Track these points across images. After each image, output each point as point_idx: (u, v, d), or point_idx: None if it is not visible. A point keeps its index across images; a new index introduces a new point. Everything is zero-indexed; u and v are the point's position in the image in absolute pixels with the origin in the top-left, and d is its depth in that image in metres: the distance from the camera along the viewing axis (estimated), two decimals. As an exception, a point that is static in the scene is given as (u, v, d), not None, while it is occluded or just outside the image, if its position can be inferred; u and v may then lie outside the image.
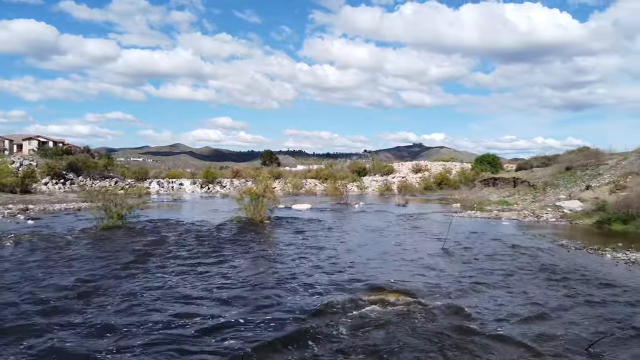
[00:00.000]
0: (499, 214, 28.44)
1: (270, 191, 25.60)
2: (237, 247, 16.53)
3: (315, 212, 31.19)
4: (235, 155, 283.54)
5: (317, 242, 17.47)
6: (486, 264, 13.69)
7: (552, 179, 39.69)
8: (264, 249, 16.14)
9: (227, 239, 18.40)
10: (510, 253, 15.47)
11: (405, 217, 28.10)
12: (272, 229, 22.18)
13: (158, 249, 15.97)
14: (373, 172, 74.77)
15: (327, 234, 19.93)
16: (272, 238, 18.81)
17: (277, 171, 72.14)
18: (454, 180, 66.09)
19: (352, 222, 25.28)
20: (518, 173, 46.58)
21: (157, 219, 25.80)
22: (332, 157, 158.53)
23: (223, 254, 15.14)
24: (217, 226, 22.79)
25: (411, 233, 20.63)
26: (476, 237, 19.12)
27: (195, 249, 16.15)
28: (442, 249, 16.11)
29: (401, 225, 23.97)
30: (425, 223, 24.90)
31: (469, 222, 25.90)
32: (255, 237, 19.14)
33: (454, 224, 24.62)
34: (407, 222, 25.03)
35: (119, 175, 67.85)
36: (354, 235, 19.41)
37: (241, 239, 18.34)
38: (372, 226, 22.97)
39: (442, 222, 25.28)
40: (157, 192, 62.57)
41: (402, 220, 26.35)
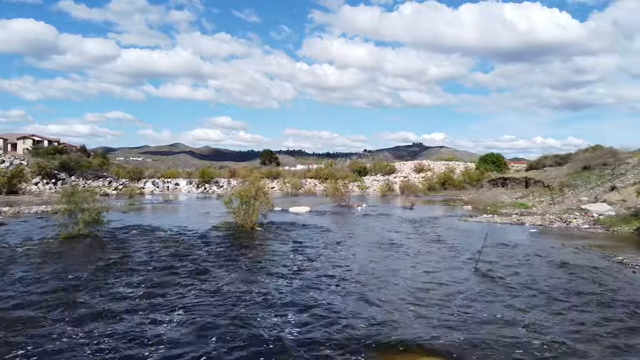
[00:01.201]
0: (521, 218, 24.66)
1: (263, 193, 21.86)
2: (215, 267, 12.74)
3: (314, 217, 27.43)
4: (235, 155, 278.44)
5: (314, 263, 13.30)
6: (542, 298, 9.87)
7: (569, 179, 35.90)
8: (248, 273, 12.30)
9: (206, 254, 14.61)
10: (565, 277, 11.64)
11: (415, 222, 24.33)
12: (263, 239, 18.41)
13: (118, 268, 12.20)
14: (374, 172, 71.05)
15: (327, 248, 15.74)
16: (261, 254, 15.00)
17: (276, 171, 68.45)
18: (458, 180, 62.37)
19: (355, 230, 21.47)
20: (530, 173, 42.77)
21: (135, 225, 22.05)
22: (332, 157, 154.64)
23: (193, 279, 11.36)
24: (201, 234, 19.05)
25: (427, 245, 16.84)
26: (508, 251, 15.34)
27: (162, 269, 12.35)
28: (475, 270, 12.35)
29: (413, 233, 20.19)
30: (440, 230, 21.13)
31: (486, 227, 22.13)
32: (241, 251, 15.34)
33: (471, 230, 20.91)
34: (419, 230, 21.24)
35: (113, 175, 64.14)
36: (360, 251, 15.28)
37: (223, 255, 14.56)
38: (380, 236, 19.12)
39: (459, 229, 21.54)
40: (152, 192, 58.85)
41: (412, 226, 22.57)
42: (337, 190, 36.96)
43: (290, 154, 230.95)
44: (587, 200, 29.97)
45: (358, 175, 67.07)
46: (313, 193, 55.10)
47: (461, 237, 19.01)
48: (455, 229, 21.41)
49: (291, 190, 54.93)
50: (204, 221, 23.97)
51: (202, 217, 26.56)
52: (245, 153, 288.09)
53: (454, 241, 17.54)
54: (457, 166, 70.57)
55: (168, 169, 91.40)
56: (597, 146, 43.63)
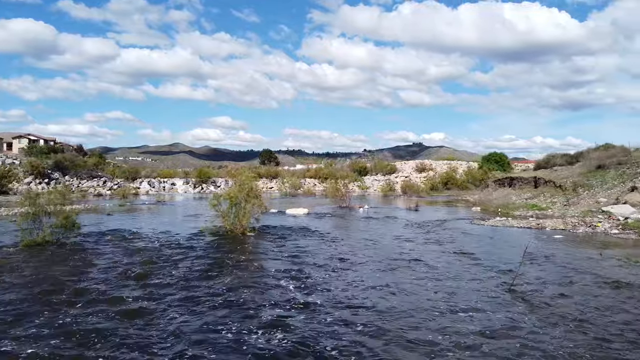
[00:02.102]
0: (540, 222, 22.04)
1: (256, 194, 19.26)
2: (191, 286, 10.13)
3: (312, 220, 24.81)
4: (235, 155, 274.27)
5: (312, 297, 9.68)
6: (609, 339, 7.27)
7: (582, 178, 33.29)
8: (232, 295, 9.72)
9: (185, 268, 12.00)
10: (628, 304, 9.03)
11: (424, 226, 21.72)
12: (255, 247, 15.80)
13: (69, 289, 9.61)
14: (374, 172, 68.50)
15: (329, 268, 12.42)
16: (250, 268, 12.34)
17: (274, 170, 65.91)
18: (461, 180, 59.77)
19: (360, 237, 18.74)
20: (538, 172, 40.17)
21: (113, 230, 19.47)
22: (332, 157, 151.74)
23: (160, 303, 8.77)
24: (182, 242, 16.45)
25: (447, 257, 14.21)
26: (540, 263, 12.72)
27: (128, 288, 9.76)
28: (509, 292, 9.74)
29: (426, 242, 17.57)
30: (454, 236, 18.53)
31: (508, 233, 19.55)
32: (226, 262, 12.72)
33: (487, 236, 18.31)
34: (431, 236, 18.58)
35: (107, 175, 61.57)
36: (370, 273, 11.81)
37: (204, 268, 11.94)
38: (390, 247, 16.40)
39: (474, 235, 18.94)
40: (147, 192, 56.25)
41: (422, 232, 19.95)
42: (337, 190, 34.37)
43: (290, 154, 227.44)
44: (606, 201, 27.37)
45: (358, 175, 64.49)
46: (312, 193, 52.55)
47: (479, 244, 16.41)
48: (470, 235, 18.79)
49: (290, 191, 52.33)
50: (191, 225, 21.37)
51: (191, 220, 23.94)
52: (245, 153, 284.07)
53: (474, 250, 14.91)
54: (459, 166, 67.94)
55: (167, 168, 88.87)
56: (607, 145, 41.07)
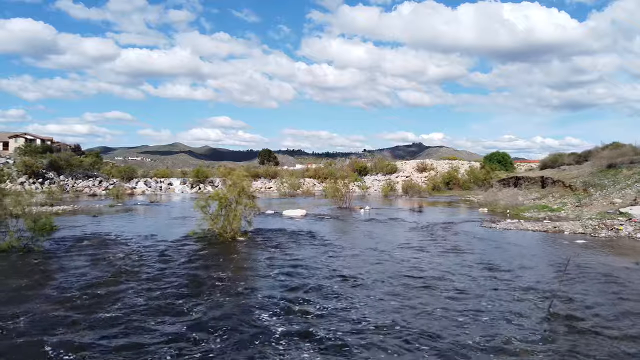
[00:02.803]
0: (557, 225, 20.10)
1: (248, 195, 17.33)
2: (147, 325, 8.22)
3: (310, 222, 22.87)
4: (234, 155, 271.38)
5: (307, 316, 7.96)
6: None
7: (594, 178, 31.37)
8: (198, 336, 7.79)
9: (154, 289, 10.08)
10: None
11: (432, 230, 19.79)
12: (243, 258, 13.88)
13: (17, 309, 7.72)
14: (375, 171, 66.45)
15: (327, 280, 10.56)
16: (232, 291, 10.36)
17: (273, 170, 63.89)
18: (463, 179, 57.82)
19: (364, 246, 16.75)
20: (545, 172, 38.23)
21: (93, 234, 17.60)
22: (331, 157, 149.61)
23: (125, 325, 6.86)
24: (165, 248, 14.56)
25: (462, 268, 12.30)
26: (576, 276, 10.76)
27: (66, 321, 7.85)
28: (549, 314, 7.83)
29: (435, 248, 15.64)
30: (467, 242, 16.61)
31: (524, 239, 17.61)
32: (205, 281, 10.78)
33: (504, 242, 16.38)
34: (443, 243, 16.59)
35: (103, 175, 59.63)
36: (375, 287, 9.90)
37: (174, 292, 10.01)
38: (401, 259, 14.45)
39: (489, 240, 17.00)
40: (143, 192, 54.30)
41: (432, 237, 18.00)
42: (337, 190, 32.42)
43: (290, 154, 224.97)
44: (622, 202, 25.45)
45: (358, 174, 62.53)
46: (312, 194, 50.58)
47: (497, 252, 14.47)
48: (484, 240, 16.84)
49: (288, 191, 50.34)
50: (178, 228, 19.45)
51: (179, 222, 22.00)
52: (244, 153, 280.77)
53: (493, 260, 12.99)
54: (461, 165, 65.95)
55: (167, 168, 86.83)
56: (616, 143, 39.18)
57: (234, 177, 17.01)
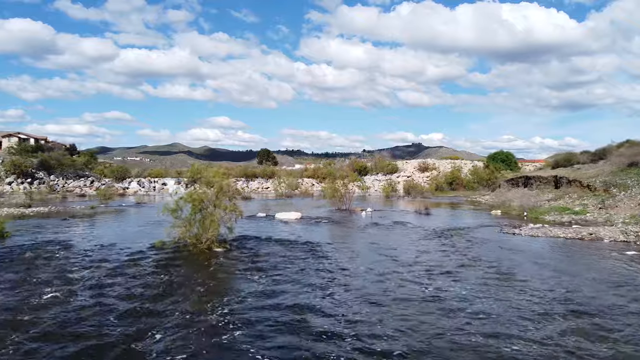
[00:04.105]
0: (593, 231, 16.87)
1: (229, 195, 14.16)
2: None
3: (305, 227, 19.68)
4: (233, 155, 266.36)
5: None
6: None
7: (614, 178, 28.17)
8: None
9: (88, 331, 6.92)
10: None
11: (445, 238, 16.57)
12: (216, 278, 10.68)
13: None
14: (375, 171, 63.26)
15: (329, 320, 7.62)
16: (194, 317, 7.21)
17: (271, 170, 60.65)
18: (466, 179, 54.63)
19: (367, 258, 13.54)
20: (559, 171, 35.01)
21: (48, 242, 14.43)
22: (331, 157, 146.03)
23: None
24: (122, 262, 11.41)
25: (498, 291, 9.14)
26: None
27: None
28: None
29: (453, 262, 12.44)
30: (493, 253, 13.43)
31: (558, 248, 14.40)
32: (160, 304, 7.61)
33: (537, 254, 13.19)
34: (461, 256, 13.36)
35: (95, 175, 56.50)
36: (396, 341, 6.74)
37: (108, 341, 6.86)
38: (413, 278, 11.35)
39: (516, 250, 13.79)
40: (135, 192, 51.15)
41: (445, 247, 14.77)
42: (336, 191, 29.25)
43: (289, 154, 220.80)
44: (654, 204, 22.31)
45: (358, 174, 59.34)
46: (310, 194, 47.39)
47: (534, 268, 11.25)
48: (515, 252, 13.59)
49: (286, 191, 47.16)
50: (150, 235, 16.22)
51: (155, 227, 18.68)
52: (243, 153, 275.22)
53: (533, 279, 9.81)
54: (464, 165, 62.75)
55: (164, 168, 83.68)
56: (632, 141, 36.00)
57: (210, 176, 13.84)
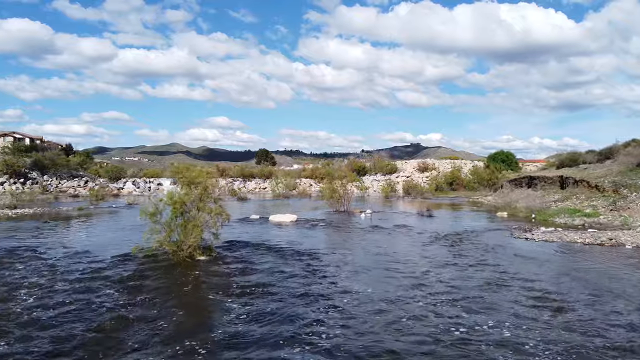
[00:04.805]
0: (612, 236, 15.34)
1: (214, 198, 12.64)
2: None
3: (301, 231, 18.12)
4: (232, 155, 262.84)
5: None
6: None
7: (624, 178, 26.68)
8: None
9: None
10: None
11: (453, 243, 15.03)
12: (198, 284, 9.19)
13: None
14: (374, 172, 61.79)
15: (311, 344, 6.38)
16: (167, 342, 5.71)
17: (268, 170, 59.15)
18: (467, 180, 53.13)
19: (366, 269, 12.04)
20: (564, 170, 33.53)
21: (15, 247, 12.89)
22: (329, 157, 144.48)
23: None
24: (93, 273, 9.88)
25: (539, 327, 7.64)
26: None
27: None
28: None
29: (467, 273, 10.94)
30: (509, 261, 11.91)
31: (578, 255, 12.88)
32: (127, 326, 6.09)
33: (560, 264, 11.69)
34: (476, 266, 11.85)
35: (90, 175, 54.99)
36: None
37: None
38: (418, 290, 9.80)
39: (533, 258, 12.26)
40: (130, 193, 49.54)
41: (455, 254, 13.23)
42: (334, 192, 27.73)
43: (288, 154, 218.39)
44: (670, 206, 20.85)
45: (357, 174, 57.83)
46: (308, 194, 45.82)
47: (558, 280, 9.74)
48: (532, 260, 12.03)
49: (283, 192, 45.62)
50: (130, 241, 14.67)
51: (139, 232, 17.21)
52: (242, 153, 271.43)
53: (560, 294, 8.32)
54: (464, 165, 61.27)
55: (163, 169, 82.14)
56: (636, 140, 34.54)
57: (193, 175, 12.31)
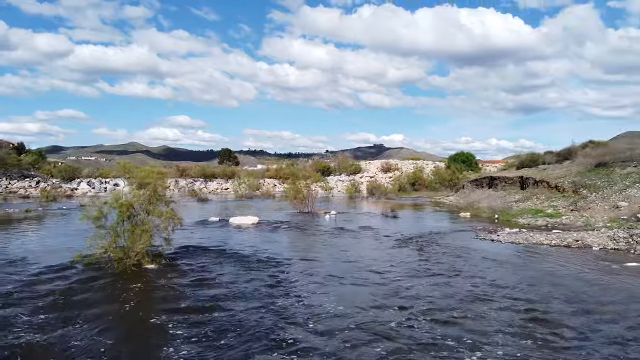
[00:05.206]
0: (578, 237, 15.08)
1: (165, 200, 11.55)
2: None
3: (262, 234, 17.15)
4: (193, 154, 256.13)
5: None
6: None
7: (583, 178, 26.98)
8: None
9: None
10: None
11: (418, 246, 14.42)
12: (143, 304, 8.13)
13: None
14: (338, 172, 61.32)
15: None
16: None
17: (231, 170, 57.63)
18: (429, 180, 53.36)
19: (331, 275, 11.30)
20: (524, 171, 33.80)
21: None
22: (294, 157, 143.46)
23: None
24: (15, 288, 8.64)
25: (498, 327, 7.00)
26: None
27: None
28: None
29: (435, 278, 10.30)
30: (476, 265, 11.36)
31: (547, 258, 12.48)
32: None
33: (524, 263, 11.23)
34: (442, 270, 11.25)
35: (42, 175, 52.04)
36: None
37: None
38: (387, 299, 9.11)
39: (499, 261, 11.76)
40: (85, 194, 47.07)
41: (421, 258, 12.60)
42: (298, 192, 26.84)
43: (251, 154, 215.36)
44: (628, 206, 21.01)
45: (322, 175, 57.11)
46: (271, 195, 44.74)
47: (541, 291, 9.23)
48: (500, 263, 11.52)
49: (246, 192, 44.33)
50: (73, 247, 13.34)
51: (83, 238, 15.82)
52: (203, 153, 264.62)
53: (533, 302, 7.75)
54: (425, 165, 61.59)
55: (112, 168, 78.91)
56: (593, 141, 35.28)
57: (142, 174, 11.18)
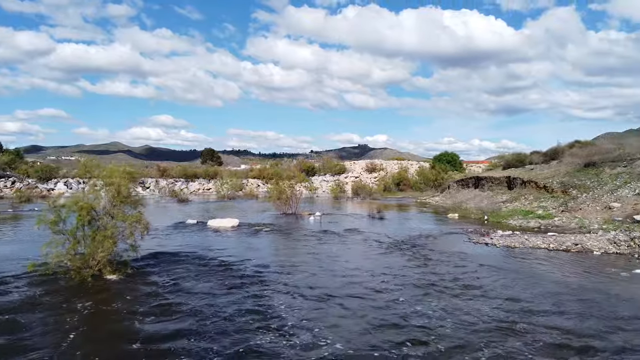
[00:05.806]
0: (578, 241, 14.16)
1: (132, 201, 10.27)
2: None
3: (242, 238, 15.87)
4: (175, 154, 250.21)
5: None
6: None
7: (572, 178, 26.27)
8: None
9: None
10: None
11: (411, 251, 13.35)
12: (99, 328, 6.87)
13: None
14: (323, 172, 60.18)
15: None
16: None
17: (213, 170, 56.03)
18: (413, 180, 52.57)
19: (320, 288, 10.01)
20: (511, 171, 33.07)
21: None
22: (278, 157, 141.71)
23: None
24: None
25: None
26: None
27: None
28: None
29: (431, 290, 9.22)
30: (473, 272, 10.32)
31: (548, 264, 11.51)
32: None
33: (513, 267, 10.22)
34: (438, 278, 10.18)
35: (18, 175, 49.84)
36: None
37: None
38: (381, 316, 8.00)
39: (497, 267, 10.74)
40: (62, 194, 45.10)
41: (413, 263, 11.54)
42: (282, 192, 25.60)
43: (235, 154, 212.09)
44: (621, 206, 20.27)
45: (306, 175, 55.94)
46: (255, 196, 43.37)
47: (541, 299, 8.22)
48: (499, 270, 10.47)
49: (229, 193, 42.88)
50: (33, 255, 11.97)
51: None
52: (186, 152, 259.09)
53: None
54: (410, 166, 60.81)
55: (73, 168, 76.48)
56: (579, 141, 34.80)
57: (104, 173, 9.90)
